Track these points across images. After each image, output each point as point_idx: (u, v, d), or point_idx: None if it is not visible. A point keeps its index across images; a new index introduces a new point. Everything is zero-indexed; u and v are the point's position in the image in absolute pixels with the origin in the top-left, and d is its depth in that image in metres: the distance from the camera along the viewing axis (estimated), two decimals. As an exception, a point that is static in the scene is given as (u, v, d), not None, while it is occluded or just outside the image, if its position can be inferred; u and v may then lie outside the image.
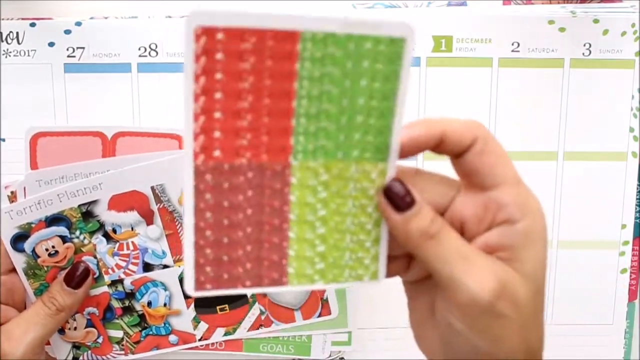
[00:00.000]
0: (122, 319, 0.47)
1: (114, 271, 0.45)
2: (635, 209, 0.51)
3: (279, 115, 0.28)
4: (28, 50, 0.49)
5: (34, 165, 0.45)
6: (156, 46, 0.49)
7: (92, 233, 0.44)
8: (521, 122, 0.50)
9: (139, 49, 0.49)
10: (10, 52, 0.48)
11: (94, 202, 0.43)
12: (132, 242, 0.44)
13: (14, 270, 0.44)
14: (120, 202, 0.43)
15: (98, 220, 0.44)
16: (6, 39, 0.48)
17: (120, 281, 0.46)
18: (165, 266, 0.45)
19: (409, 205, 0.29)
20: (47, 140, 0.45)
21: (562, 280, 0.51)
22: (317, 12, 0.27)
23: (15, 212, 0.42)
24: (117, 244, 0.44)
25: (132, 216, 0.43)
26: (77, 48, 0.49)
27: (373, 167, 0.30)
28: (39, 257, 0.44)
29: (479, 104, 0.50)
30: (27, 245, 0.43)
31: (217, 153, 0.28)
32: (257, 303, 0.48)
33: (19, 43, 0.48)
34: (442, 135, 0.30)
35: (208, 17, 0.25)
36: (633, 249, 0.51)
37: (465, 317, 0.29)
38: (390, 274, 0.33)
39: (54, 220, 0.43)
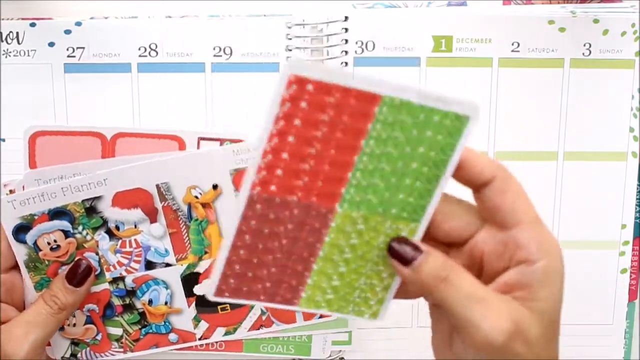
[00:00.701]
0: (122, 317, 0.47)
1: (115, 268, 0.45)
2: (635, 209, 0.51)
3: (340, 166, 0.30)
4: (28, 50, 0.49)
5: (32, 164, 0.45)
6: (156, 46, 0.49)
7: (94, 229, 0.44)
8: (521, 122, 0.50)
9: (139, 49, 0.49)
10: (10, 52, 0.48)
11: (97, 198, 0.43)
12: (135, 239, 0.44)
13: (13, 268, 0.44)
14: (124, 199, 0.43)
15: (101, 217, 0.43)
16: (6, 39, 0.48)
17: (122, 279, 0.45)
18: (168, 264, 0.45)
19: (414, 258, 0.31)
20: (46, 139, 0.44)
21: (562, 280, 0.51)
22: (398, 80, 0.29)
23: (19, 202, 0.42)
24: (120, 241, 0.44)
25: (136, 214, 0.43)
26: (77, 48, 0.49)
27: (406, 225, 0.32)
28: (40, 250, 0.43)
29: (479, 104, 0.50)
30: (29, 237, 0.43)
31: (273, 187, 0.30)
32: None
33: (19, 43, 0.48)
34: (461, 160, 0.31)
35: (304, 68, 0.27)
36: (633, 249, 0.51)
37: (480, 355, 0.30)
38: (413, 295, 0.34)
39: (57, 213, 0.43)
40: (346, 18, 0.48)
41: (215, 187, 0.43)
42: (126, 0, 0.49)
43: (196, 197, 0.44)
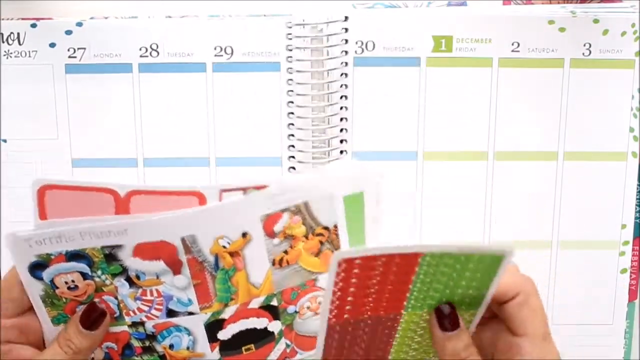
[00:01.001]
0: (141, 357, 0.44)
1: (135, 314, 0.42)
2: (635, 209, 0.51)
3: (398, 293, 0.35)
4: (29, 51, 0.49)
5: (42, 216, 0.40)
6: (157, 46, 0.49)
7: (114, 275, 0.40)
8: (521, 122, 0.50)
9: (140, 49, 0.49)
10: (11, 53, 0.49)
11: (118, 246, 0.39)
12: (157, 289, 0.41)
13: (28, 310, 0.41)
14: (146, 250, 0.39)
15: (121, 265, 0.40)
16: (7, 39, 0.49)
17: (142, 323, 0.42)
18: (191, 313, 0.42)
19: (452, 328, 0.36)
20: (55, 193, 0.40)
21: (562, 280, 0.51)
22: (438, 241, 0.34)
23: (34, 241, 0.38)
24: (140, 289, 0.41)
25: (158, 265, 0.40)
26: (79, 49, 0.49)
27: (465, 312, 0.37)
28: (57, 287, 0.40)
29: (479, 104, 0.50)
30: (46, 274, 0.40)
31: (346, 316, 0.35)
32: (283, 338, 0.45)
33: (20, 44, 0.49)
34: None
35: (351, 254, 0.32)
36: (633, 249, 0.51)
37: None
38: None
39: (74, 256, 0.40)
40: (346, 18, 0.48)
41: (244, 235, 0.39)
42: (126, 0, 0.49)
43: (224, 246, 0.41)
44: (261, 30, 0.49)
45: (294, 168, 0.50)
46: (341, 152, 0.50)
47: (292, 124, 0.49)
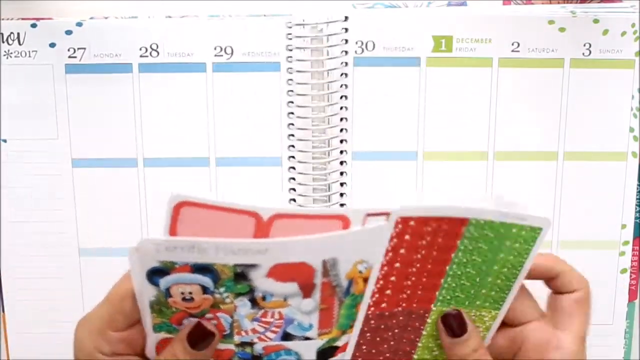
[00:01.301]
0: None
1: (247, 334, 0.40)
2: (635, 209, 0.51)
3: (435, 276, 0.36)
4: (29, 51, 0.49)
5: (173, 232, 0.38)
6: (157, 46, 0.49)
7: (237, 294, 0.38)
8: (521, 122, 0.50)
9: (140, 49, 0.49)
10: (11, 53, 0.49)
11: (252, 265, 0.37)
12: (280, 312, 0.39)
13: (137, 322, 0.40)
14: (282, 271, 0.37)
15: (249, 285, 0.38)
16: (7, 39, 0.49)
17: (251, 344, 0.40)
18: (307, 338, 0.40)
19: (460, 333, 0.37)
20: (192, 210, 0.38)
21: (562, 280, 0.51)
22: (483, 204, 0.35)
23: (164, 247, 0.36)
24: (262, 311, 0.39)
25: (291, 287, 0.38)
26: (79, 49, 0.49)
27: (488, 313, 0.38)
28: (171, 296, 0.38)
29: (479, 104, 0.50)
30: (164, 282, 0.37)
31: (384, 305, 0.36)
32: None
33: (20, 44, 0.49)
34: (558, 274, 0.39)
35: (410, 211, 0.33)
36: (633, 249, 0.51)
37: None
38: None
39: (202, 269, 0.37)
40: (346, 18, 0.48)
41: None
42: (126, 0, 0.49)
43: (360, 271, 0.38)
44: (261, 30, 0.49)
45: (294, 168, 0.50)
46: (341, 152, 0.50)
47: (292, 124, 0.49)
